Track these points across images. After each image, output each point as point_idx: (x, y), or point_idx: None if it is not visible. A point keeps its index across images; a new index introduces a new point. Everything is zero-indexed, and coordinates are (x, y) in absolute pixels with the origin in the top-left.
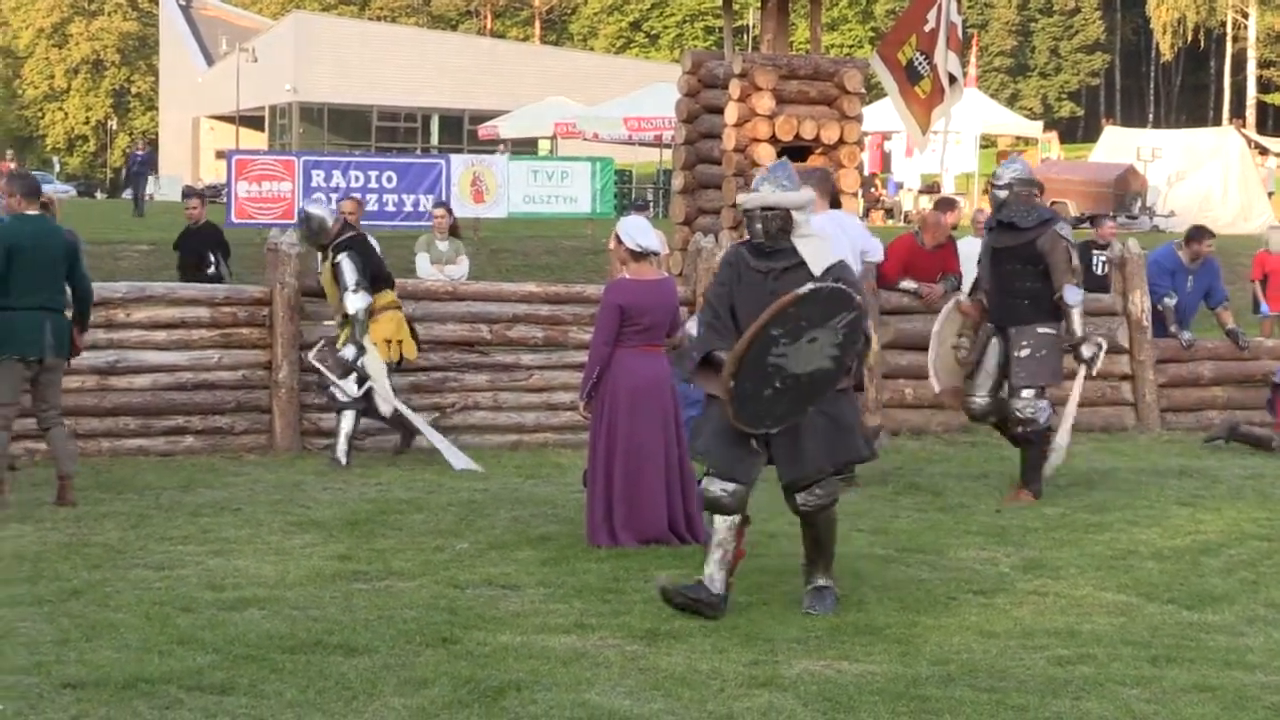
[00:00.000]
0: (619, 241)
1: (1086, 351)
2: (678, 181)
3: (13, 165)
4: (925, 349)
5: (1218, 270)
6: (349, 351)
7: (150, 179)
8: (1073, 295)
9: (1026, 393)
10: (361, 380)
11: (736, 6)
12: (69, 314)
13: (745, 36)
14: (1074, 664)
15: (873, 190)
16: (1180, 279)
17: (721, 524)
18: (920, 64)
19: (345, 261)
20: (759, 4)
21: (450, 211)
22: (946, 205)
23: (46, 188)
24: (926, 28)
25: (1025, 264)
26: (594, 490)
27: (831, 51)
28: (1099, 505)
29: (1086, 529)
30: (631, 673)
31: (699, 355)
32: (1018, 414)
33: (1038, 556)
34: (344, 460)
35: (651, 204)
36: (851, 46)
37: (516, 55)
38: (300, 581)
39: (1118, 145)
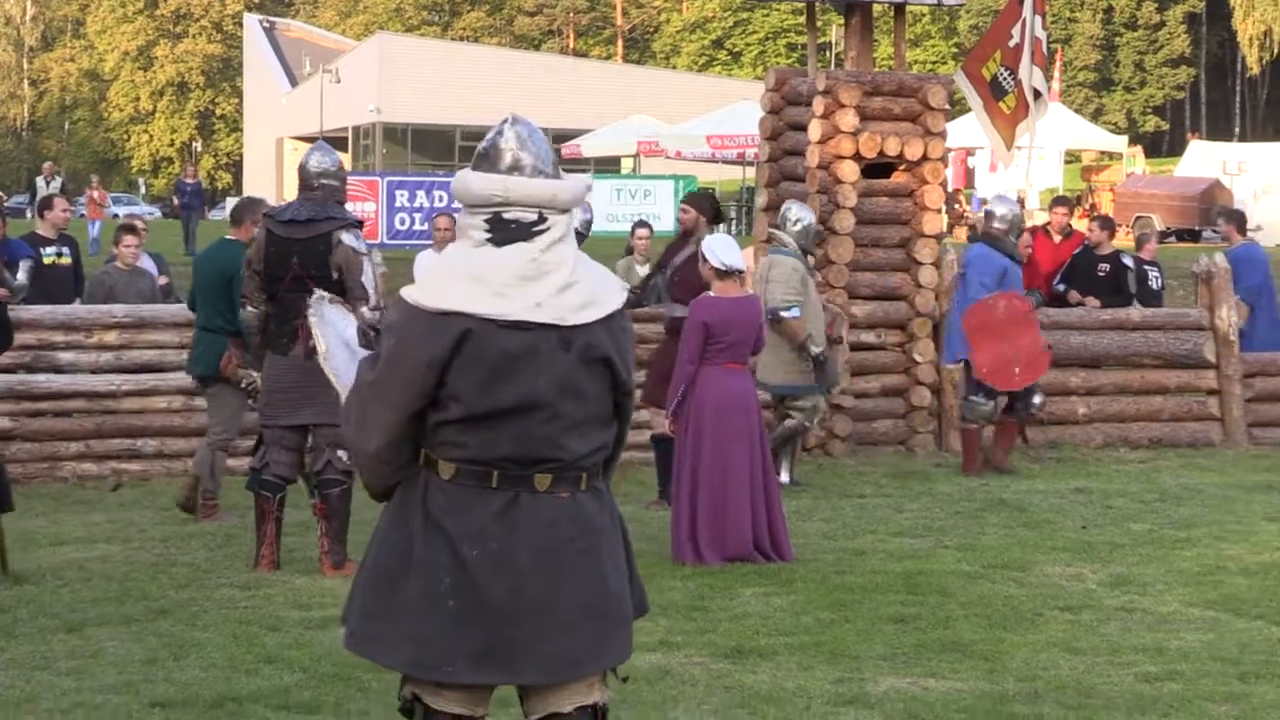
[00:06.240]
0: (704, 260)
1: None
2: (761, 199)
3: (98, 191)
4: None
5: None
6: None
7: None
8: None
9: None
10: None
11: (820, 24)
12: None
13: (828, 53)
14: (1162, 681)
15: (956, 206)
16: None
17: None
18: (1005, 79)
19: None
20: (842, 21)
21: (652, 231)
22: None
23: (133, 209)
24: (1011, 43)
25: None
26: (679, 507)
27: (915, 68)
28: (1186, 521)
29: (1173, 545)
30: (717, 691)
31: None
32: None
33: (1125, 573)
34: None
35: (734, 221)
36: (935, 63)
37: (599, 74)
38: None
39: (1203, 159)
